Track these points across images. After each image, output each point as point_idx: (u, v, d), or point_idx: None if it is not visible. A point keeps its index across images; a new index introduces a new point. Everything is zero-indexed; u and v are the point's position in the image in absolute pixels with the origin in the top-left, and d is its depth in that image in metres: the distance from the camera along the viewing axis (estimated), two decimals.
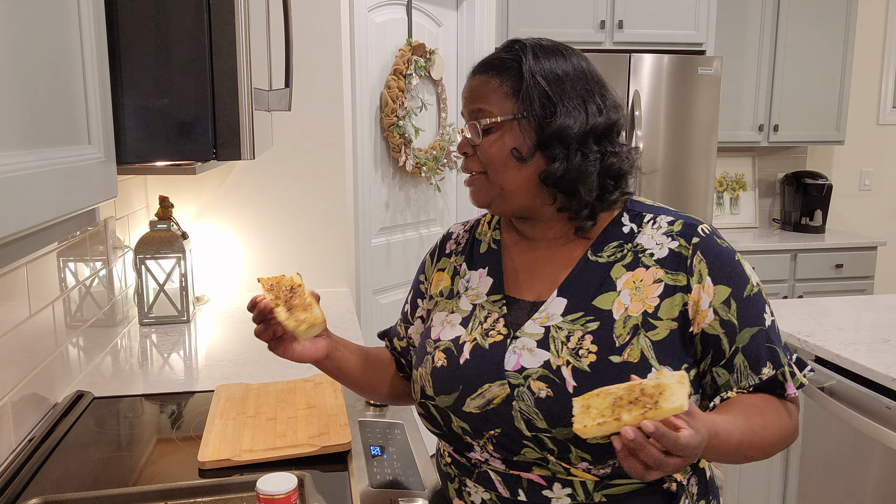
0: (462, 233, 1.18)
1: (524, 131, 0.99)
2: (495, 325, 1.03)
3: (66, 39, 0.73)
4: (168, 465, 1.23)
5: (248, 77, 1.01)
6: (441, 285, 1.14)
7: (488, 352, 1.01)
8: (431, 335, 1.09)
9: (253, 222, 2.41)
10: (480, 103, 1.02)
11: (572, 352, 0.96)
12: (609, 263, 1.01)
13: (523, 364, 0.98)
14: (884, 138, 4.36)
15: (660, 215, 1.04)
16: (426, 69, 2.85)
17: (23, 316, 1.37)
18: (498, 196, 1.03)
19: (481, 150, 1.01)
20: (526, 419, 0.95)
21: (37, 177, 0.62)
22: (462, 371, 1.01)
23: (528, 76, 0.99)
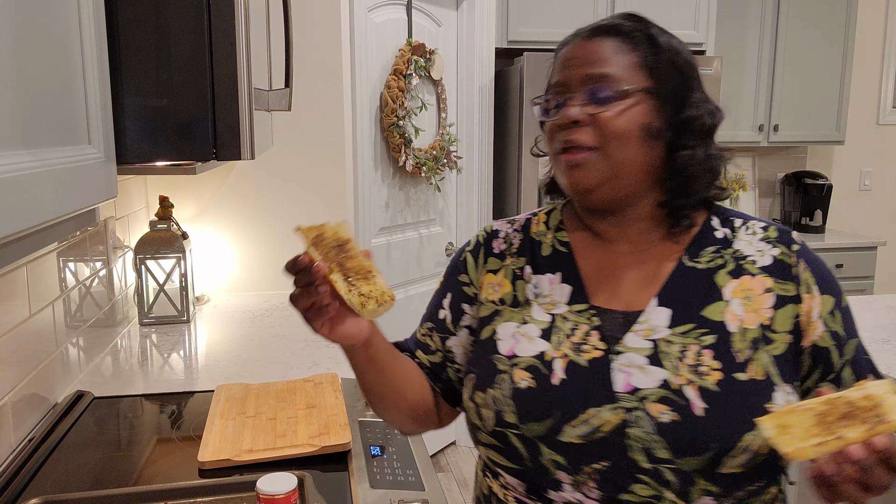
0: (511, 231, 1.03)
1: (656, 109, 0.89)
2: (587, 339, 0.90)
3: (66, 39, 0.73)
4: (168, 465, 1.23)
5: (248, 77, 1.01)
6: (500, 291, 0.99)
7: (588, 370, 0.88)
8: (500, 350, 0.93)
9: (253, 222, 2.41)
10: (603, 68, 0.88)
11: (692, 369, 0.85)
12: (710, 270, 0.92)
13: (635, 384, 0.85)
14: (884, 138, 4.36)
15: (750, 220, 0.96)
16: (426, 69, 2.85)
17: (23, 316, 1.37)
18: (611, 178, 0.88)
19: (603, 120, 0.87)
20: (645, 448, 0.83)
21: (37, 177, 0.62)
22: (557, 393, 0.87)
23: (667, 49, 0.90)
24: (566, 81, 0.91)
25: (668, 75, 0.89)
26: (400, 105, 2.72)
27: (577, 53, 0.91)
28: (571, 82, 0.90)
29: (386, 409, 1.00)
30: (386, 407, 0.99)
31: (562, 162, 0.90)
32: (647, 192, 0.92)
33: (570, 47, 0.93)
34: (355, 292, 0.81)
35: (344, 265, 0.82)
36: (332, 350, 1.84)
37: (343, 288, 0.81)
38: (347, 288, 0.81)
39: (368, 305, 0.81)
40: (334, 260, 0.82)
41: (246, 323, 2.10)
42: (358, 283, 0.81)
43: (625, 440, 0.84)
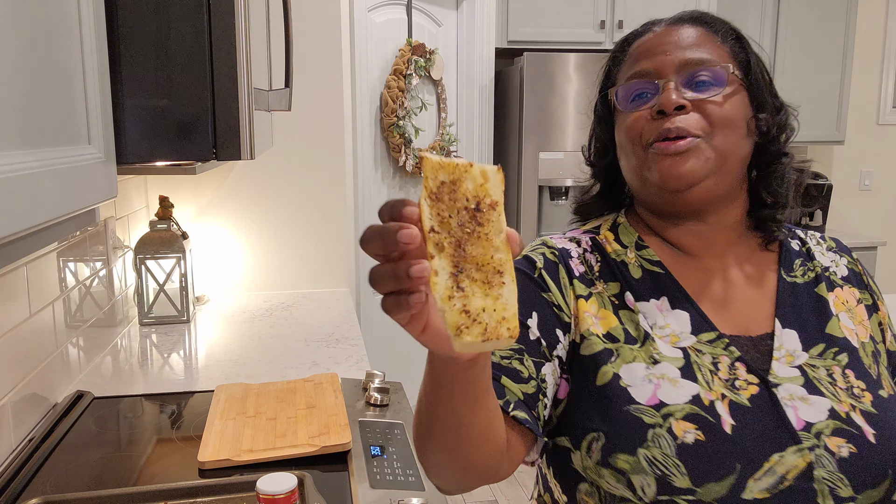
0: (584, 252, 0.89)
1: (747, 105, 0.84)
2: (735, 373, 0.79)
3: (66, 39, 0.73)
4: (168, 465, 1.23)
5: (248, 77, 1.01)
6: (603, 324, 0.83)
7: (754, 410, 0.77)
8: (638, 398, 0.78)
9: (253, 222, 2.41)
10: (700, 53, 0.83)
11: (848, 393, 0.79)
12: (808, 284, 0.87)
13: (806, 418, 0.76)
14: (884, 138, 4.36)
15: (807, 231, 0.94)
16: (426, 69, 2.85)
17: (23, 316, 1.37)
18: (716, 171, 0.81)
19: (712, 105, 0.81)
20: (830, 489, 0.73)
21: (37, 177, 0.62)
22: (735, 443, 0.74)
23: (751, 47, 0.87)
24: (658, 68, 0.83)
25: (756, 73, 0.85)
26: (400, 105, 2.72)
27: (666, 39, 0.84)
28: (665, 68, 0.83)
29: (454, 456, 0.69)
30: (458, 453, 0.69)
31: (660, 151, 0.81)
32: (736, 197, 0.86)
33: (652, 35, 0.86)
34: (457, 303, 0.49)
35: (464, 247, 0.50)
36: (333, 350, 1.84)
37: (441, 289, 0.49)
38: (448, 291, 0.49)
39: (466, 335, 0.49)
40: (454, 234, 0.50)
41: (246, 323, 2.10)
42: (469, 288, 0.50)
43: (812, 485, 0.73)
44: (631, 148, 0.85)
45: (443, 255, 0.50)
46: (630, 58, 0.88)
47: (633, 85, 0.85)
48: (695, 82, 0.82)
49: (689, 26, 0.85)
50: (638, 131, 0.84)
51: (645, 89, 0.84)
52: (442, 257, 0.50)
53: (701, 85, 0.82)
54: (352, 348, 1.85)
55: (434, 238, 0.50)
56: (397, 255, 0.49)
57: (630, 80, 0.86)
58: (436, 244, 0.50)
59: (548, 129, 3.13)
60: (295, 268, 2.45)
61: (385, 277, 0.49)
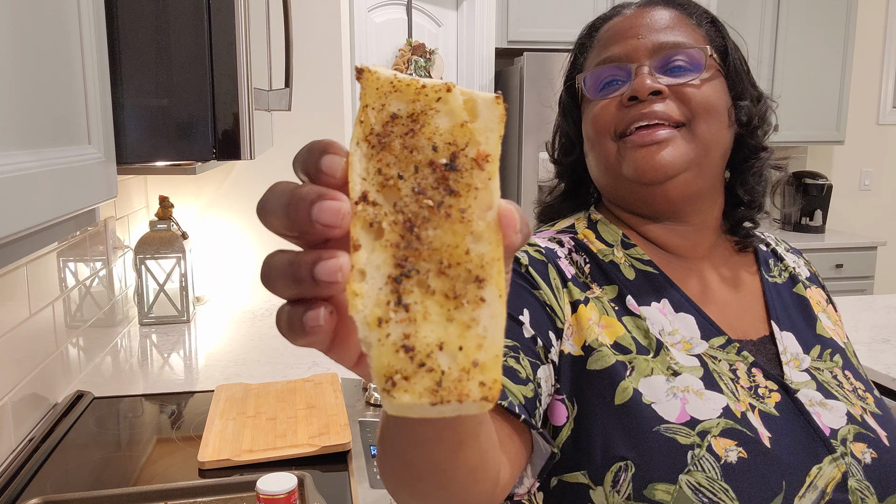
0: (567, 252, 0.80)
1: (726, 92, 0.78)
2: (755, 380, 0.73)
3: (66, 39, 0.73)
4: (168, 465, 1.23)
5: (248, 77, 1.01)
6: (609, 333, 0.73)
7: (783, 419, 0.70)
8: (668, 417, 0.68)
9: (253, 222, 2.41)
10: (679, 36, 0.76)
11: (855, 394, 0.75)
12: (786, 284, 0.84)
13: (830, 425, 0.71)
14: (884, 138, 4.35)
15: (764, 232, 0.90)
16: (426, 69, 2.86)
17: (23, 316, 1.36)
18: (699, 161, 0.74)
19: (692, 90, 0.74)
20: (862, 499, 0.68)
21: (37, 177, 0.62)
22: (777, 457, 0.67)
23: (727, 34, 0.81)
24: (629, 52, 0.76)
25: (734, 59, 0.80)
26: None
27: (637, 22, 0.78)
28: (637, 52, 0.76)
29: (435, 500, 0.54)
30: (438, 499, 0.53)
31: (635, 141, 0.74)
32: (716, 195, 0.81)
33: (622, 18, 0.80)
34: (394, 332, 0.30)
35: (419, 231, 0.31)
36: None
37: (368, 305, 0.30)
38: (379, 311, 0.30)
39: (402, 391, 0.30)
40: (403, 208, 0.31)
41: (246, 323, 2.10)
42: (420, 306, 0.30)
43: (847, 495, 0.67)
44: (600, 140, 0.78)
45: (379, 244, 0.30)
46: (598, 43, 0.81)
47: (602, 71, 0.78)
48: (670, 67, 0.75)
49: (661, 8, 0.79)
50: (608, 121, 0.76)
51: (615, 76, 0.77)
52: (377, 248, 0.30)
53: (677, 70, 0.75)
54: None
55: (366, 213, 0.30)
56: (314, 240, 0.32)
57: (599, 65, 0.78)
58: (368, 224, 0.30)
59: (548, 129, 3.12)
60: None
61: (282, 274, 0.31)
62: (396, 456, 0.49)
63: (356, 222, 0.30)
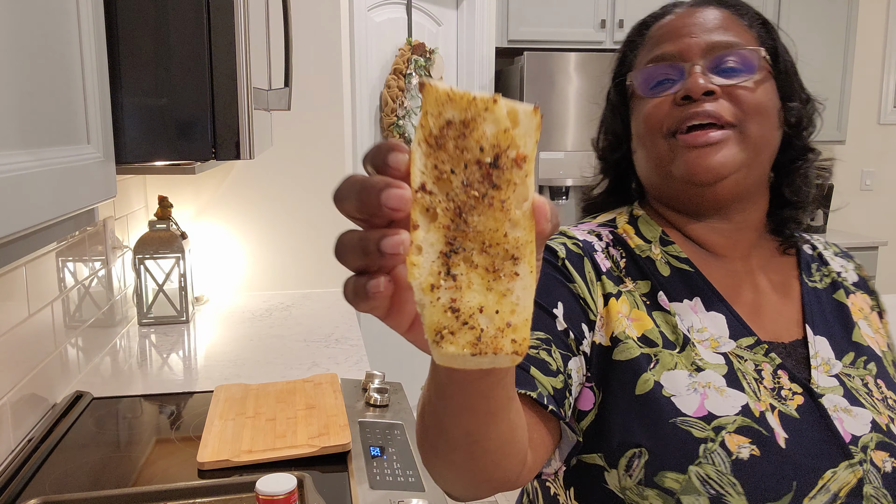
0: (604, 246, 0.82)
1: (776, 94, 0.79)
2: (779, 382, 0.74)
3: (65, 39, 0.72)
4: (167, 465, 1.22)
5: (247, 77, 1.01)
6: (638, 326, 0.76)
7: (803, 422, 0.72)
8: (684, 409, 0.71)
9: (252, 222, 2.41)
10: (732, 35, 0.77)
11: (884, 404, 0.75)
12: (827, 290, 0.83)
13: (852, 431, 0.72)
14: (885, 138, 4.35)
15: (813, 235, 0.89)
16: (426, 68, 2.85)
17: (22, 316, 1.36)
18: (750, 163, 0.75)
19: (745, 91, 0.75)
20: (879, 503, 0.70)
21: (36, 177, 0.62)
22: (790, 458, 0.69)
23: (778, 36, 0.81)
24: (682, 50, 0.76)
25: (783, 62, 0.80)
26: (400, 104, 2.72)
27: (689, 21, 0.78)
28: (690, 50, 0.76)
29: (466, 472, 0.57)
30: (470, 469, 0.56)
31: (688, 142, 0.74)
32: (761, 195, 0.81)
33: (675, 17, 0.80)
34: (444, 296, 0.36)
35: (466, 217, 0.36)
36: (332, 350, 1.84)
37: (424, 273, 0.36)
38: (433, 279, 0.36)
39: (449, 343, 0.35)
40: (455, 197, 0.36)
41: (245, 323, 2.09)
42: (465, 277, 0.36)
43: (862, 502, 0.68)
44: (651, 137, 0.78)
45: (433, 225, 0.36)
46: (650, 41, 0.81)
47: (654, 69, 0.78)
48: (723, 67, 0.75)
49: (714, 8, 0.79)
50: (659, 119, 0.77)
51: (668, 74, 0.77)
52: (431, 229, 0.36)
53: (729, 70, 0.75)
54: (351, 348, 1.85)
55: (424, 200, 0.36)
56: (380, 222, 0.36)
57: (651, 63, 0.79)
58: (425, 209, 0.36)
59: (548, 128, 3.12)
60: (294, 268, 2.44)
61: (352, 249, 0.36)
62: (434, 425, 0.54)
63: (415, 207, 0.36)
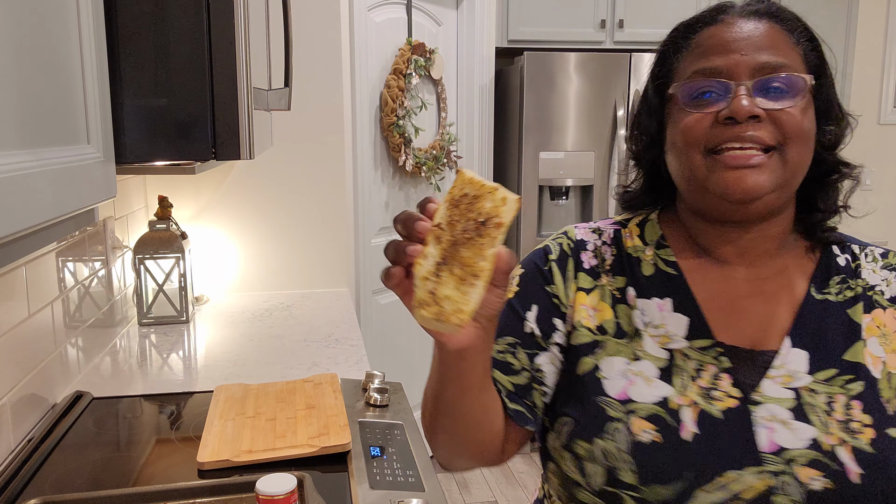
0: (602, 245, 0.88)
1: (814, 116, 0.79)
2: (717, 384, 0.77)
3: (65, 39, 0.72)
4: (167, 465, 1.22)
5: (247, 77, 1.01)
6: (598, 316, 0.84)
7: (724, 423, 0.75)
8: (609, 391, 0.80)
9: (252, 222, 2.41)
10: (778, 56, 0.76)
11: (843, 425, 0.73)
12: (842, 304, 0.80)
13: (780, 443, 0.74)
14: (885, 138, 4.35)
15: (868, 246, 0.85)
16: (426, 68, 2.85)
17: (22, 316, 1.36)
18: (784, 184, 0.76)
19: (788, 117, 0.75)
20: None
21: (36, 177, 0.62)
22: (690, 451, 0.74)
23: (823, 52, 0.81)
24: (731, 67, 0.76)
25: (825, 80, 0.80)
26: (400, 105, 2.72)
27: (739, 35, 0.77)
28: (738, 69, 0.75)
29: (452, 437, 0.80)
30: (454, 434, 0.79)
31: (728, 162, 0.75)
32: (788, 208, 0.82)
33: (723, 26, 0.78)
34: (430, 285, 0.60)
35: (458, 247, 0.60)
36: (332, 350, 1.84)
37: (423, 270, 0.60)
38: (427, 274, 0.60)
39: (423, 310, 0.60)
40: (455, 235, 0.60)
41: (245, 323, 2.09)
42: (446, 278, 0.60)
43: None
44: (688, 151, 0.78)
45: (438, 247, 0.61)
46: (697, 49, 0.80)
47: (699, 83, 0.78)
48: (769, 89, 0.75)
49: (765, 21, 0.78)
50: (700, 135, 0.77)
51: (713, 89, 0.77)
52: (436, 248, 0.61)
53: (775, 92, 0.75)
54: (351, 348, 1.85)
55: (436, 232, 0.61)
56: (412, 239, 0.61)
57: (696, 74, 0.78)
58: (436, 237, 0.61)
59: (548, 128, 3.12)
60: (294, 268, 2.44)
61: (392, 249, 0.62)
62: (432, 396, 0.76)
63: (431, 234, 0.61)
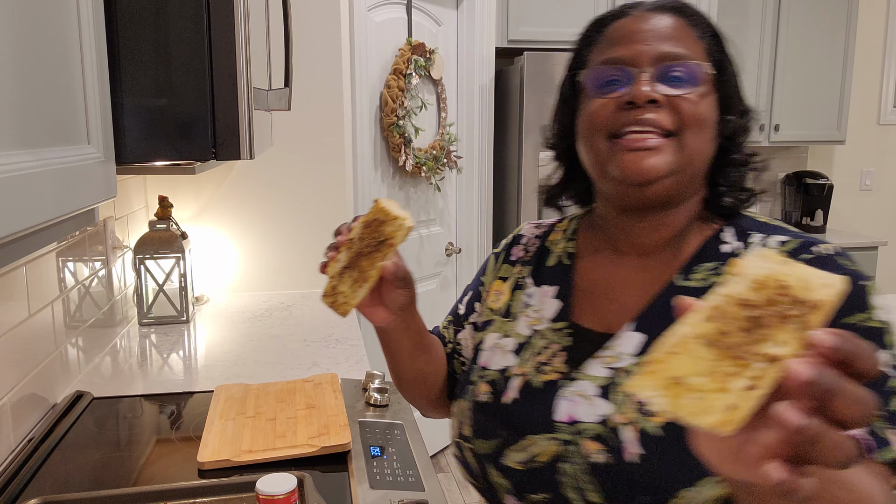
0: (533, 238, 0.98)
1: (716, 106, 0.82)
2: (552, 360, 0.84)
3: (65, 39, 0.72)
4: (167, 465, 1.22)
5: (247, 77, 1.01)
6: (501, 300, 0.95)
7: (540, 393, 0.82)
8: (479, 360, 0.91)
9: (252, 222, 2.41)
10: (679, 47, 0.79)
11: (641, 406, 0.76)
12: (701, 289, 0.80)
13: (575, 416, 0.79)
14: (885, 138, 4.35)
15: (773, 235, 0.82)
16: (426, 69, 2.85)
17: (22, 316, 1.36)
18: (681, 170, 0.79)
19: (685, 104, 0.77)
20: (576, 487, 0.76)
21: (36, 177, 0.62)
22: (506, 413, 0.84)
23: (728, 49, 0.83)
24: (633, 56, 0.79)
25: (728, 75, 0.83)
26: (400, 105, 2.72)
27: (644, 27, 0.80)
28: (640, 57, 0.79)
29: (402, 389, 1.03)
30: (403, 388, 1.02)
31: (625, 145, 0.78)
32: (690, 199, 0.83)
33: (630, 19, 0.82)
34: (333, 281, 0.83)
35: (360, 258, 0.81)
36: (332, 350, 1.84)
37: (332, 270, 0.83)
38: (334, 272, 0.83)
39: (324, 297, 0.84)
40: (361, 249, 0.81)
41: (245, 323, 2.09)
42: (346, 278, 0.82)
43: (557, 476, 0.77)
44: (592, 137, 0.81)
45: (347, 254, 0.82)
46: (604, 41, 0.84)
47: (604, 70, 0.81)
48: (669, 77, 0.78)
49: (669, 16, 0.81)
50: (603, 121, 0.80)
51: (616, 77, 0.80)
52: (346, 255, 0.82)
53: (675, 80, 0.78)
54: (351, 348, 1.85)
55: (348, 244, 0.82)
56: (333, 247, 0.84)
57: (602, 64, 0.81)
58: (348, 247, 0.82)
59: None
60: (294, 268, 2.44)
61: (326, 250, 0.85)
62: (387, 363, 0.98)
63: (344, 246, 0.83)
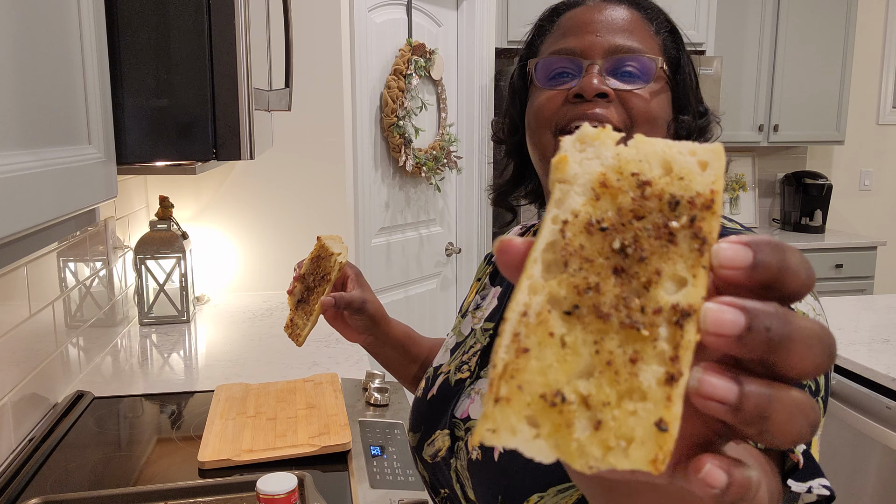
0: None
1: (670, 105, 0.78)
2: (471, 360, 0.86)
3: (66, 39, 0.73)
4: (168, 465, 1.23)
5: (248, 77, 1.01)
6: (467, 299, 1.00)
7: (450, 390, 0.85)
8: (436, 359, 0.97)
9: (253, 222, 2.41)
10: (631, 41, 0.75)
11: None
12: None
13: (471, 413, 0.80)
14: (884, 138, 4.35)
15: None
16: (426, 69, 2.85)
17: (23, 316, 1.37)
18: None
19: (637, 99, 0.74)
20: (459, 483, 0.77)
21: (37, 177, 0.62)
22: (425, 409, 0.87)
23: (685, 47, 0.79)
24: (584, 48, 0.75)
25: (684, 73, 0.79)
26: (400, 105, 2.72)
27: (597, 17, 0.76)
28: (592, 49, 0.74)
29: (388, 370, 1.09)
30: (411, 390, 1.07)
31: None
32: None
33: (584, 9, 0.78)
34: (290, 314, 1.00)
35: (310, 291, 0.98)
36: (332, 350, 1.84)
37: (291, 304, 1.00)
38: (292, 306, 1.00)
39: (286, 328, 1.00)
40: (310, 284, 0.98)
41: (246, 323, 2.10)
42: (299, 312, 0.99)
43: (448, 472, 0.79)
44: (539, 131, 0.78)
45: (300, 288, 0.98)
46: (557, 30, 0.80)
47: (554, 61, 0.77)
48: (620, 71, 0.74)
49: (625, 8, 0.77)
50: (550, 113, 0.76)
51: (566, 68, 0.76)
52: (299, 289, 0.99)
53: (626, 75, 0.74)
54: (351, 348, 1.85)
55: (302, 278, 0.98)
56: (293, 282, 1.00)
57: (552, 55, 0.77)
58: (302, 281, 0.98)
59: None
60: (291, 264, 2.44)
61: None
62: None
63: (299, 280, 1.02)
